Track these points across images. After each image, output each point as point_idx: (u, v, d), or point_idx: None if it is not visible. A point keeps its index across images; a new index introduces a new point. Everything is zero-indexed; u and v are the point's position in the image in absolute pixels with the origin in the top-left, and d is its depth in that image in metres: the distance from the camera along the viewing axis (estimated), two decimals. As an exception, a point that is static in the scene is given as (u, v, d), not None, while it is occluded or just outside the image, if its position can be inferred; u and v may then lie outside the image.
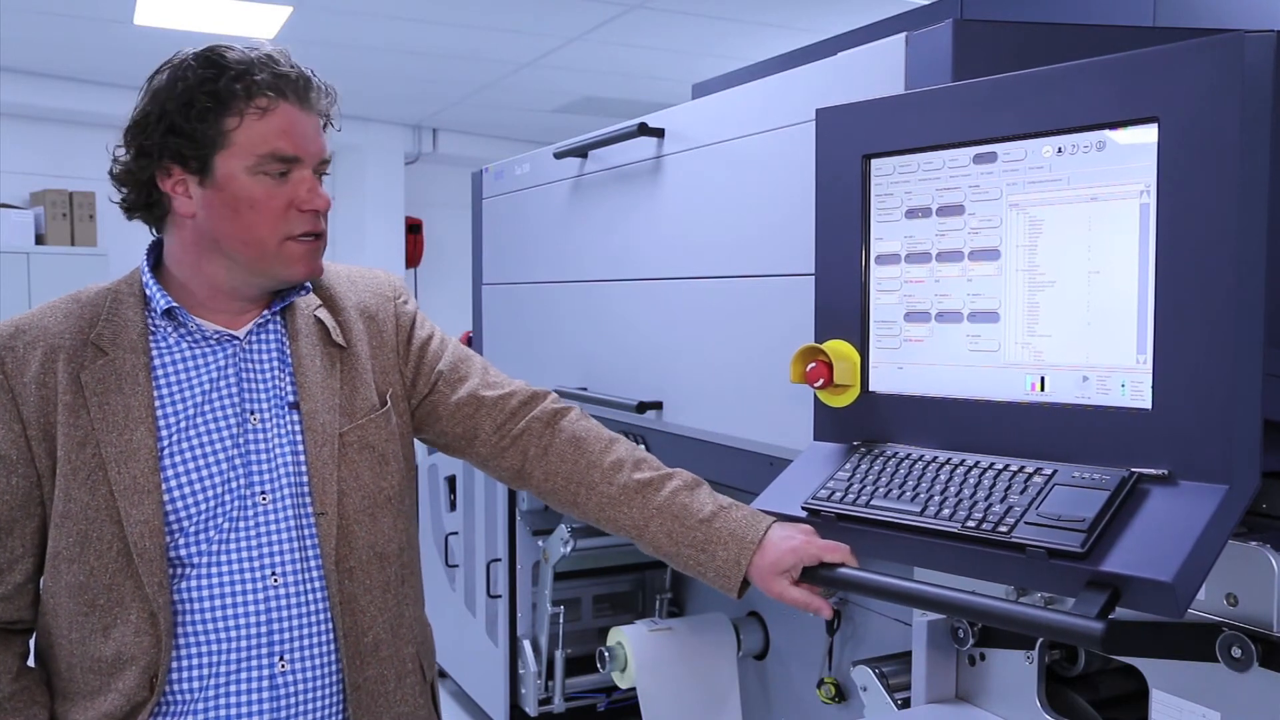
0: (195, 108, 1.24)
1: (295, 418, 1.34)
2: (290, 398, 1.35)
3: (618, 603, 3.13)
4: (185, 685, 1.27)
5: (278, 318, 1.38)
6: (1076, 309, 1.18)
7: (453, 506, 3.47)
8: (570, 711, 2.91)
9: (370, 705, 1.36)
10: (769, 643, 2.44)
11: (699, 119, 2.02)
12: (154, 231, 1.37)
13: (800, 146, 1.65)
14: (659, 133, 2.12)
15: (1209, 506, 1.05)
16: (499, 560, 3.07)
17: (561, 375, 2.54)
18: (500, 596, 3.05)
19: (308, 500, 1.33)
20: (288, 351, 1.36)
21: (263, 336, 1.36)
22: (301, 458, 1.33)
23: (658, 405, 2.13)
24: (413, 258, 7.71)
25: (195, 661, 1.27)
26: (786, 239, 1.74)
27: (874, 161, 1.37)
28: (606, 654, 2.37)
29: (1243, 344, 1.04)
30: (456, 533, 3.43)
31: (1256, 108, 1.04)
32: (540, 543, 2.91)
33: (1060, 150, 1.19)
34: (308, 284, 1.39)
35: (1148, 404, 1.12)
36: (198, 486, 1.28)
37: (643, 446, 2.23)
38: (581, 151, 2.40)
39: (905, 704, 1.58)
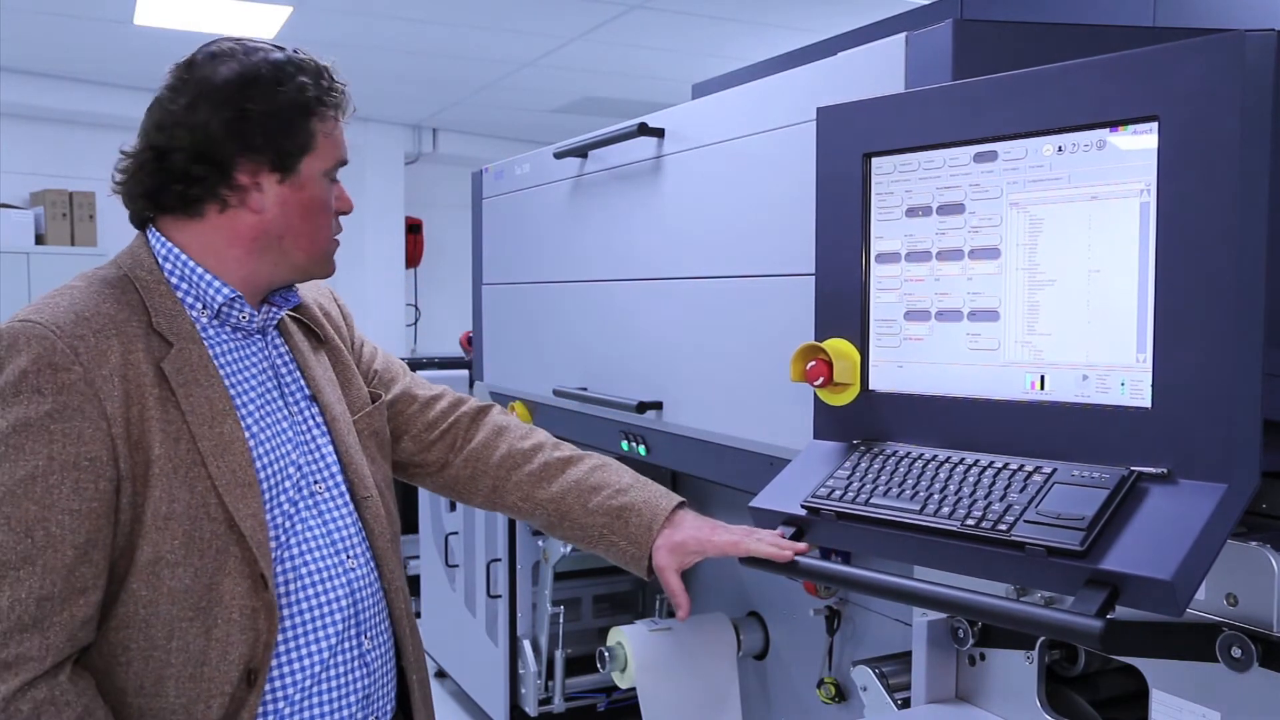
0: (305, 109, 1.27)
1: (316, 410, 1.38)
2: (308, 391, 1.38)
3: (618, 603, 3.13)
4: (290, 676, 1.27)
5: (272, 315, 1.39)
6: (1076, 308, 1.18)
7: (453, 506, 3.47)
8: (570, 711, 2.91)
9: (415, 671, 1.43)
10: (769, 643, 2.44)
11: (699, 119, 2.02)
12: (135, 222, 1.32)
13: (800, 146, 1.65)
14: (659, 133, 2.12)
15: (1208, 505, 1.05)
16: (499, 560, 3.07)
17: (562, 375, 2.54)
18: (500, 596, 3.05)
19: (346, 487, 1.37)
20: (287, 348, 1.39)
21: (270, 333, 1.38)
22: (332, 447, 1.37)
23: (658, 405, 2.13)
24: (413, 258, 7.71)
25: (297, 652, 1.27)
26: (786, 239, 1.74)
27: (874, 160, 1.38)
28: (606, 654, 2.37)
29: (1243, 343, 1.04)
30: (456, 533, 3.43)
31: (1256, 107, 1.04)
32: (540, 543, 2.91)
33: (1060, 149, 1.19)
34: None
35: (1147, 403, 1.12)
36: (282, 476, 1.29)
37: (642, 447, 2.23)
38: (581, 151, 2.40)
39: (905, 704, 1.58)
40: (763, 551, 1.34)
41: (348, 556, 1.33)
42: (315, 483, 1.33)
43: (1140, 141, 1.12)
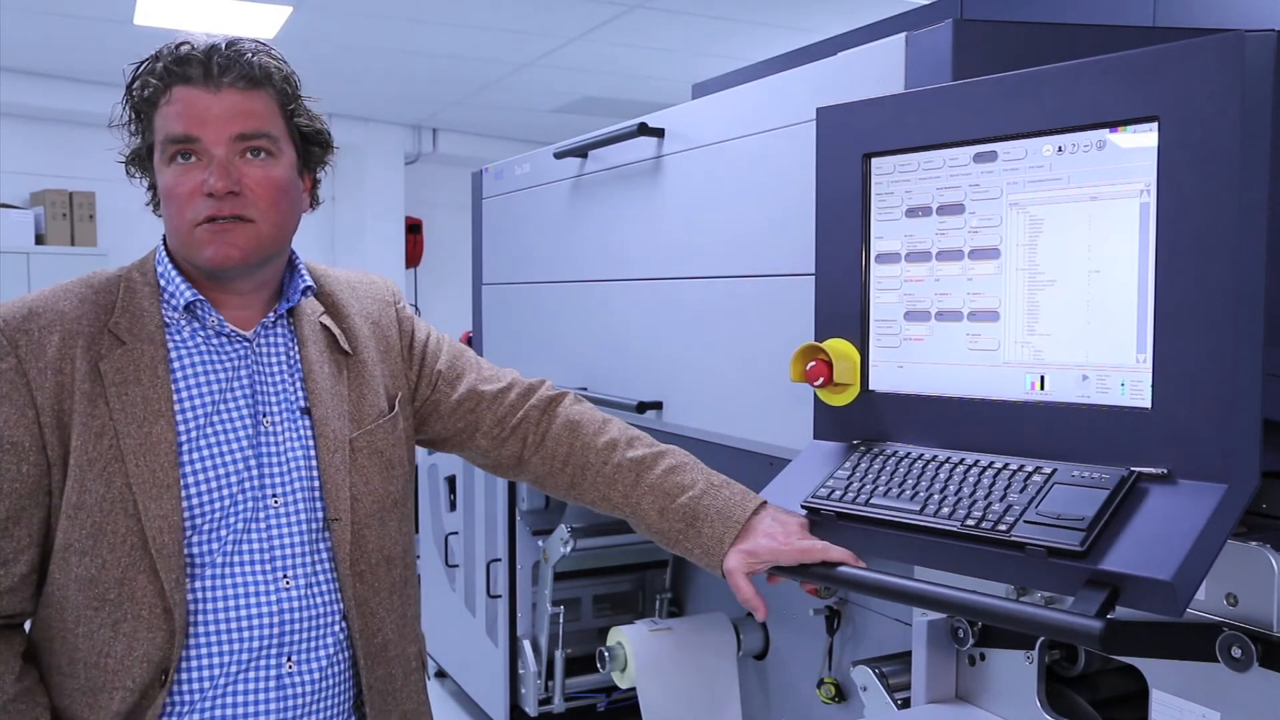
0: (147, 106, 1.30)
1: (307, 423, 1.34)
2: (301, 403, 1.35)
3: (618, 603, 3.14)
4: (194, 684, 1.26)
5: (285, 321, 1.37)
6: (1076, 308, 1.18)
7: (453, 506, 3.47)
8: (570, 711, 2.91)
9: (381, 704, 1.38)
10: (769, 643, 2.44)
11: (699, 119, 2.02)
12: None
13: (800, 146, 1.65)
14: (659, 133, 2.12)
15: (1208, 506, 1.05)
16: (499, 560, 3.07)
17: (562, 375, 2.54)
18: (500, 596, 3.05)
19: (319, 505, 1.33)
20: (296, 357, 1.37)
21: (270, 340, 1.36)
22: (314, 463, 1.33)
23: (658, 405, 2.13)
24: (413, 258, 7.71)
25: (206, 661, 1.26)
26: (786, 239, 1.74)
27: (874, 160, 1.37)
28: (606, 654, 2.37)
29: (1243, 343, 1.04)
30: (456, 533, 3.43)
31: (1256, 107, 1.04)
32: (540, 543, 2.91)
33: (1060, 149, 1.19)
34: (310, 286, 1.39)
35: (1147, 403, 1.12)
36: (215, 484, 1.27)
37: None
38: (581, 151, 2.40)
39: (905, 704, 1.58)
40: (841, 557, 1.29)
41: (284, 576, 1.29)
42: (271, 496, 1.30)
43: (1140, 141, 1.12)
